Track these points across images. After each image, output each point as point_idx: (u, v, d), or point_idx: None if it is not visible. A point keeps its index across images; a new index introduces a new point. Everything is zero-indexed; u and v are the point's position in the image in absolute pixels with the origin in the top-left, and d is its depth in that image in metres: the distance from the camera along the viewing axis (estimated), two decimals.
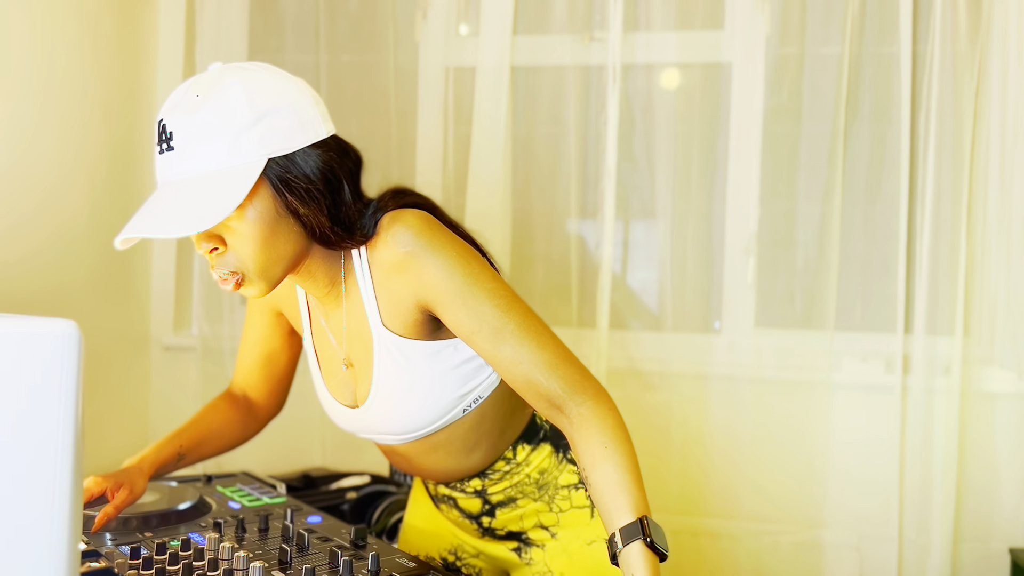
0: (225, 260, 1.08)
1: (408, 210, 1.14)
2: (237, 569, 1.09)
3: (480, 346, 1.11)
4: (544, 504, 1.31)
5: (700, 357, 2.35)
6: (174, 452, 1.32)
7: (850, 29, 2.23)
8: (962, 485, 2.22)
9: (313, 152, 1.08)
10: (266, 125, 1.04)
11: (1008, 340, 2.21)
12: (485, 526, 1.36)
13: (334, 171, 1.10)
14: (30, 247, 2.11)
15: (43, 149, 2.15)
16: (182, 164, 1.04)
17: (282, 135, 1.05)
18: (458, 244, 1.12)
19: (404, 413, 1.18)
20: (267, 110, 1.04)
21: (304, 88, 1.11)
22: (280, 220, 1.07)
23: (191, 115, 1.03)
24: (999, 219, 2.20)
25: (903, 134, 2.22)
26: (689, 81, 2.38)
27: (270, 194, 1.06)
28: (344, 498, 1.96)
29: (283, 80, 1.09)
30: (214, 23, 2.50)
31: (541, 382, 1.09)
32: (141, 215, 1.03)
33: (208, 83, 1.05)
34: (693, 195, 2.36)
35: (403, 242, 1.10)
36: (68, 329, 0.74)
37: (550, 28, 2.40)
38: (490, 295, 1.10)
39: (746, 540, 2.30)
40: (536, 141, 2.43)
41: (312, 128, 1.08)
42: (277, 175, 1.06)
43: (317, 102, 1.11)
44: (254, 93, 1.04)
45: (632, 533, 1.00)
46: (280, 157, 1.05)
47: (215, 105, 1.03)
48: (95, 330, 2.34)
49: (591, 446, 1.06)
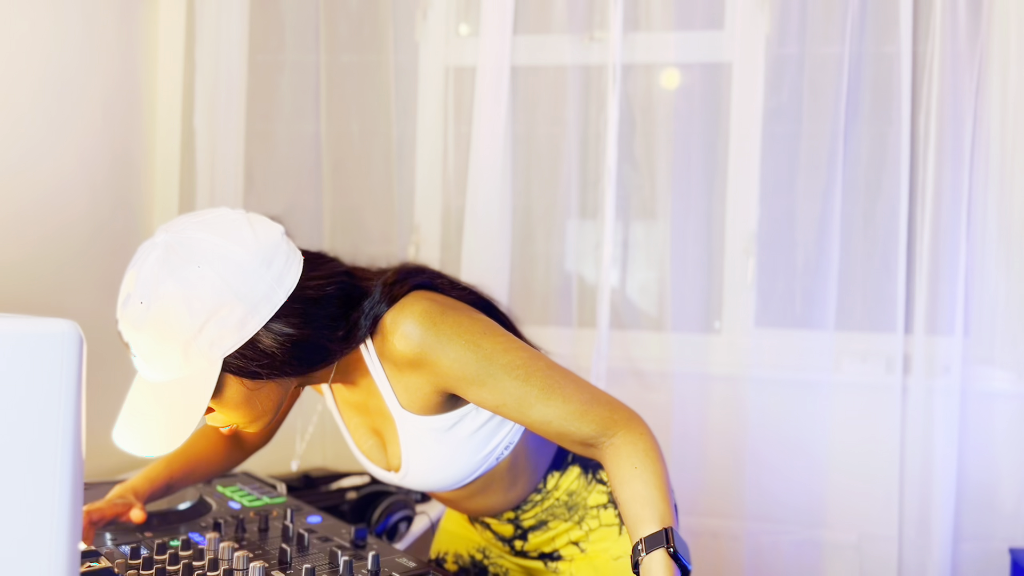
0: (216, 420, 1.10)
1: (409, 301, 1.11)
2: (237, 569, 1.09)
3: (508, 416, 1.11)
4: (575, 524, 1.33)
5: (700, 357, 2.35)
6: (163, 483, 1.31)
7: (850, 29, 2.23)
8: (962, 485, 2.22)
9: (272, 327, 1.03)
10: (213, 328, 1.00)
11: (1008, 340, 2.21)
12: (517, 549, 1.39)
13: (299, 332, 1.04)
14: (30, 247, 2.11)
15: (43, 149, 2.15)
16: (146, 371, 1.05)
17: (232, 331, 1.01)
18: (465, 327, 1.09)
19: (439, 477, 1.21)
20: (209, 313, 0.99)
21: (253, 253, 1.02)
22: (254, 392, 1.06)
23: (138, 331, 1.01)
24: (999, 219, 2.20)
25: (903, 134, 2.22)
26: (689, 81, 2.38)
27: (236, 380, 1.05)
28: (344, 498, 1.96)
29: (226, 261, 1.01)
30: (214, 23, 2.50)
31: (574, 431, 1.09)
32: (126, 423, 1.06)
33: (148, 286, 1.00)
34: (693, 195, 2.36)
35: (412, 339, 1.08)
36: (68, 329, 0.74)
37: (550, 28, 2.40)
38: (507, 370, 1.08)
39: (746, 540, 2.30)
40: (536, 141, 2.43)
41: (267, 303, 1.02)
42: (237, 368, 1.03)
43: (271, 261, 1.03)
44: (193, 299, 0.99)
45: (656, 542, 1.00)
46: (235, 351, 1.02)
47: (157, 320, 0.99)
48: (95, 330, 2.34)
49: (621, 468, 1.07)
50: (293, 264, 1.06)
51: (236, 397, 1.05)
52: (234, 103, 2.54)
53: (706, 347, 2.36)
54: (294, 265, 1.06)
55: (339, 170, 2.51)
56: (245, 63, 2.57)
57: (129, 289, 1.03)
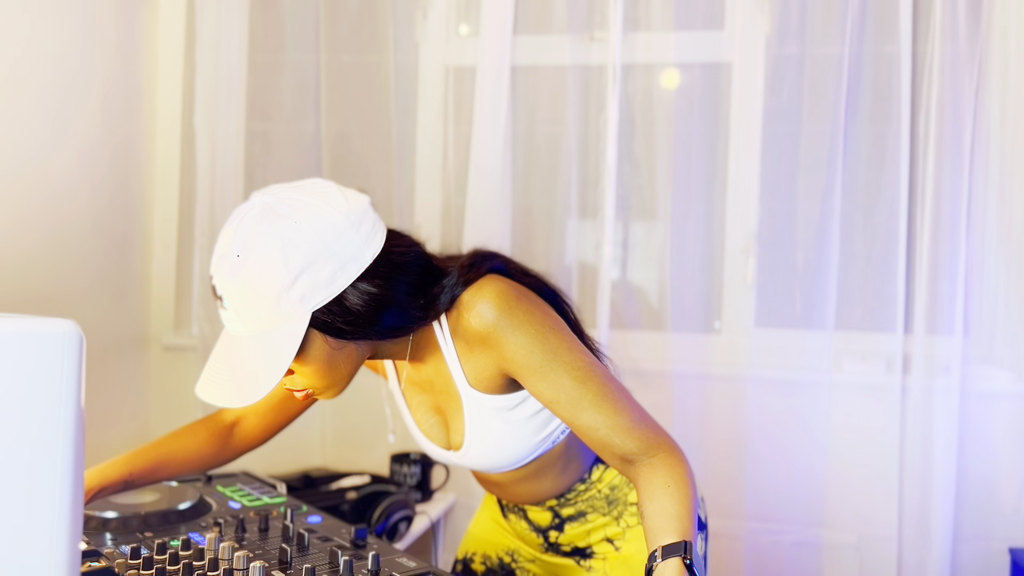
0: (294, 383, 1.14)
1: (488, 282, 1.16)
2: (237, 569, 1.09)
3: (559, 413, 1.14)
4: (612, 519, 1.34)
5: (700, 357, 2.35)
6: (121, 477, 1.26)
7: (850, 29, 2.23)
8: (962, 484, 2.22)
9: (359, 285, 1.08)
10: (305, 281, 1.05)
11: (1008, 340, 2.21)
12: (551, 541, 1.39)
13: (384, 293, 1.10)
14: (30, 247, 2.11)
15: (44, 149, 2.15)
16: (235, 324, 1.09)
17: (322, 285, 1.06)
18: (537, 317, 1.14)
19: (499, 457, 1.24)
20: (304, 265, 1.04)
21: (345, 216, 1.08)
22: (336, 352, 1.11)
23: (233, 280, 1.06)
24: (999, 219, 2.20)
25: (903, 134, 2.22)
26: (689, 81, 2.38)
27: (321, 337, 1.09)
28: (344, 498, 1.96)
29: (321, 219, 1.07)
30: (214, 23, 2.50)
31: (617, 444, 1.12)
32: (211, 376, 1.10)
33: (246, 240, 1.05)
34: (693, 195, 2.36)
35: (485, 318, 1.13)
36: (68, 329, 0.74)
37: (550, 28, 2.40)
38: (568, 368, 1.13)
39: (747, 540, 2.30)
40: (536, 141, 2.43)
41: (355, 262, 1.08)
42: (323, 323, 1.08)
43: (360, 223, 1.09)
44: (289, 251, 1.04)
45: (674, 551, 1.01)
46: (324, 305, 1.07)
47: (253, 270, 1.04)
48: (95, 330, 2.34)
49: (654, 484, 1.08)
50: (379, 230, 1.12)
51: (318, 355, 1.09)
52: (234, 103, 2.54)
53: (706, 347, 2.36)
54: (380, 231, 1.12)
55: (339, 170, 2.51)
56: (245, 63, 2.57)
57: (226, 245, 1.07)
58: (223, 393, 1.08)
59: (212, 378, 1.10)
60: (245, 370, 1.07)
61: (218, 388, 1.09)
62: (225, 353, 1.11)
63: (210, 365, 1.11)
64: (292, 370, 1.12)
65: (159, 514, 1.28)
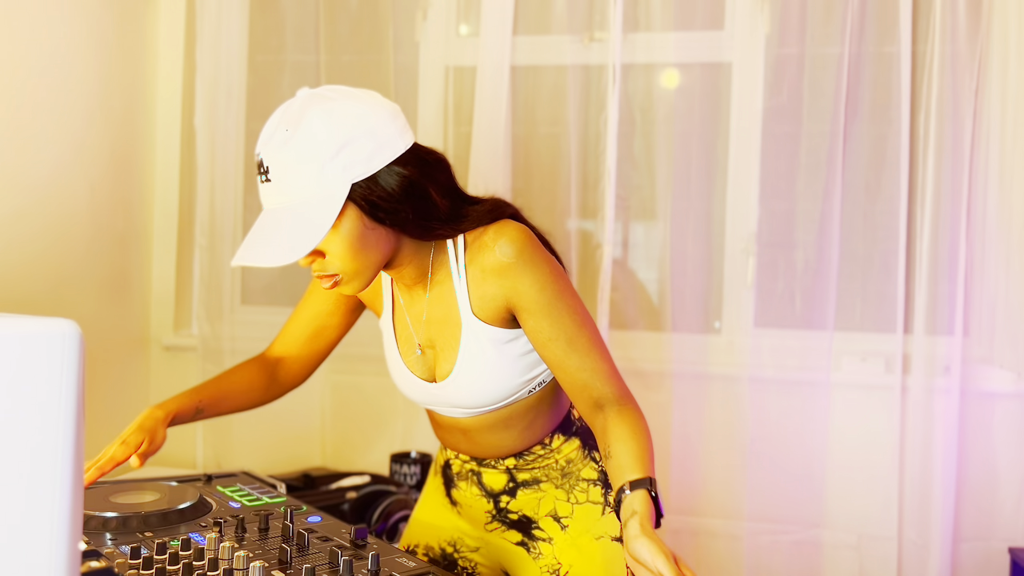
0: (324, 266, 1.22)
1: (512, 223, 1.27)
2: (237, 569, 1.10)
3: (552, 351, 1.24)
4: (563, 492, 1.39)
5: (700, 357, 2.35)
6: (193, 405, 1.40)
7: (850, 29, 2.23)
8: (962, 485, 2.22)
9: (394, 168, 1.19)
10: (347, 154, 1.16)
11: (1008, 340, 2.21)
12: (502, 506, 1.42)
13: (415, 181, 1.21)
14: (30, 247, 2.11)
15: (44, 149, 2.15)
16: (278, 194, 1.18)
17: (362, 160, 1.17)
18: (550, 263, 1.26)
19: (480, 389, 1.31)
20: (347, 140, 1.15)
21: (382, 106, 1.21)
22: (368, 232, 1.20)
23: (281, 151, 1.16)
24: (999, 219, 2.20)
25: (903, 134, 2.22)
26: (689, 81, 2.38)
27: (357, 212, 1.19)
28: (344, 498, 1.96)
29: (362, 104, 1.19)
30: (214, 23, 2.50)
31: (597, 387, 1.22)
32: (249, 243, 1.19)
33: (294, 117, 1.17)
34: (693, 195, 2.36)
35: (507, 253, 1.23)
36: (68, 329, 0.74)
37: (550, 28, 2.40)
38: (570, 310, 1.24)
39: (746, 540, 2.30)
40: (536, 141, 2.43)
41: (391, 146, 1.19)
42: (361, 196, 1.18)
43: (395, 117, 1.21)
44: (334, 125, 1.15)
45: (640, 485, 1.11)
46: (362, 180, 1.17)
47: (300, 141, 1.15)
48: (95, 330, 2.34)
49: (621, 429, 1.17)
50: (409, 131, 1.24)
51: (352, 232, 1.19)
52: (234, 103, 2.54)
53: (706, 347, 2.36)
54: (410, 132, 1.24)
55: None
56: (245, 63, 2.58)
57: (274, 125, 1.19)
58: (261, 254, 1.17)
59: (249, 248, 1.19)
60: (284, 235, 1.16)
61: (254, 252, 1.18)
62: (263, 226, 1.19)
63: (247, 240, 1.20)
64: (324, 252, 1.20)
65: (159, 514, 1.28)
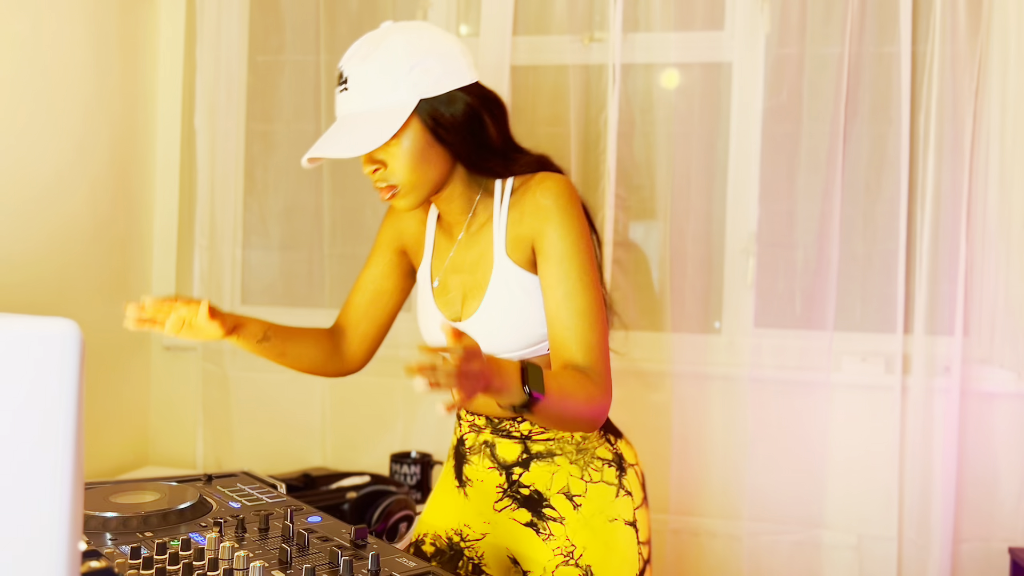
0: (384, 176, 1.33)
1: (563, 176, 1.37)
2: (237, 569, 1.10)
3: (549, 299, 1.31)
4: (578, 468, 1.40)
5: (700, 357, 2.35)
6: (262, 328, 1.47)
7: (850, 29, 2.23)
8: (962, 485, 2.22)
9: (458, 95, 1.32)
10: (419, 72, 1.29)
11: (1008, 340, 2.21)
12: (514, 478, 1.41)
13: (475, 110, 1.34)
14: (30, 247, 2.11)
15: (44, 149, 2.15)
16: (353, 102, 1.31)
17: (432, 80, 1.30)
18: (581, 220, 1.34)
19: (501, 329, 1.37)
20: (421, 59, 1.29)
21: (455, 43, 1.35)
22: (429, 148, 1.32)
23: (362, 64, 1.30)
24: (999, 219, 2.20)
25: (903, 134, 2.22)
26: (689, 81, 2.38)
27: (421, 127, 1.31)
28: (344, 498, 1.96)
29: (437, 36, 1.34)
30: (214, 23, 2.50)
31: (571, 351, 1.28)
32: (321, 142, 1.31)
33: (377, 38, 1.32)
34: (693, 195, 2.36)
35: (551, 196, 1.33)
36: (68, 329, 0.74)
37: (550, 28, 2.40)
38: (579, 270, 1.31)
39: (746, 540, 2.30)
40: (537, 141, 2.41)
41: (458, 75, 1.33)
42: (427, 111, 1.30)
43: (465, 53, 1.35)
44: (411, 46, 1.30)
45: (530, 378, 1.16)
46: (430, 98, 1.30)
47: (380, 56, 1.29)
48: (95, 330, 2.34)
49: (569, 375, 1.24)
50: (476, 70, 1.38)
51: (414, 144, 1.31)
52: (234, 103, 2.54)
53: (706, 347, 2.36)
54: (477, 71, 1.38)
55: (340, 170, 2.51)
56: (245, 63, 2.57)
57: (358, 44, 1.33)
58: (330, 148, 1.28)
59: (320, 145, 1.30)
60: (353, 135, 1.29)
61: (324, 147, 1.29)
62: (335, 129, 1.31)
63: (319, 141, 1.31)
64: (385, 163, 1.31)
65: (159, 514, 1.28)
